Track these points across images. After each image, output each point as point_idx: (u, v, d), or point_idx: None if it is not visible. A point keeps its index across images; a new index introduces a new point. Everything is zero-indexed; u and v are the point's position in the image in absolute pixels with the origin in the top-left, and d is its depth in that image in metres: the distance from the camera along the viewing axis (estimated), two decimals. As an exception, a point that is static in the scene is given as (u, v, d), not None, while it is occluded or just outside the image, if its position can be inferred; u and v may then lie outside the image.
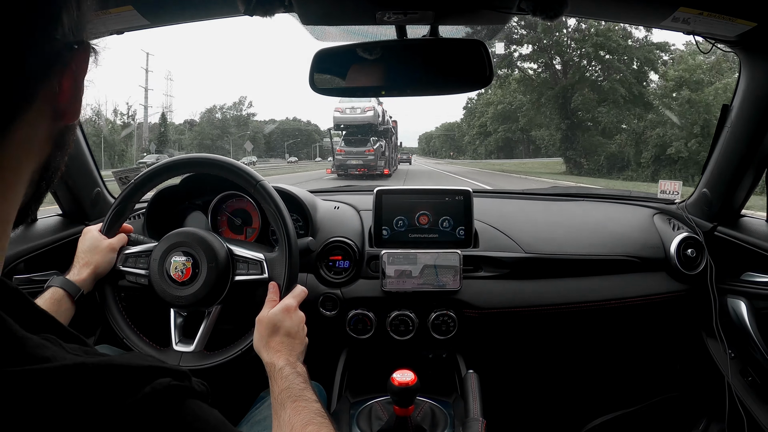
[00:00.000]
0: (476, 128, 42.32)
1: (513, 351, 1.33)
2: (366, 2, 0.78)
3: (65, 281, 0.83)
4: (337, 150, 14.55)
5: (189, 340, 0.90)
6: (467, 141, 49.85)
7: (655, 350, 1.39)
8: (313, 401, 0.66)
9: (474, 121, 43.68)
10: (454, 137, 61.32)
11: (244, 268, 0.90)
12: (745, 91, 1.02)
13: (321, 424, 0.62)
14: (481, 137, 42.26)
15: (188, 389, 0.30)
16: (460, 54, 0.87)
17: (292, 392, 0.67)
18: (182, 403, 0.29)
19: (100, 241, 0.90)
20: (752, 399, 1.11)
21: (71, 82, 0.32)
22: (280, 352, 0.74)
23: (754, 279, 1.10)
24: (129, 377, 0.28)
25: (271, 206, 0.89)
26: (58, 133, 0.33)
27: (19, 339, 0.26)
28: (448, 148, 64.13)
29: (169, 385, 0.29)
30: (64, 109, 0.32)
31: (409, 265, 1.08)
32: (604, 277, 1.17)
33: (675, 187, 1.39)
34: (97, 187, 1.22)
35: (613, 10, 0.97)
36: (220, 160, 0.93)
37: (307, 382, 0.70)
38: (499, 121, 34.38)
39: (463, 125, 54.54)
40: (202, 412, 0.30)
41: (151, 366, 0.29)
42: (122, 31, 0.96)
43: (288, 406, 0.65)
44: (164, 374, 0.29)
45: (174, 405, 0.29)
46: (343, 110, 15.08)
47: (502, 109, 32.14)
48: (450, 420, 0.94)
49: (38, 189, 0.34)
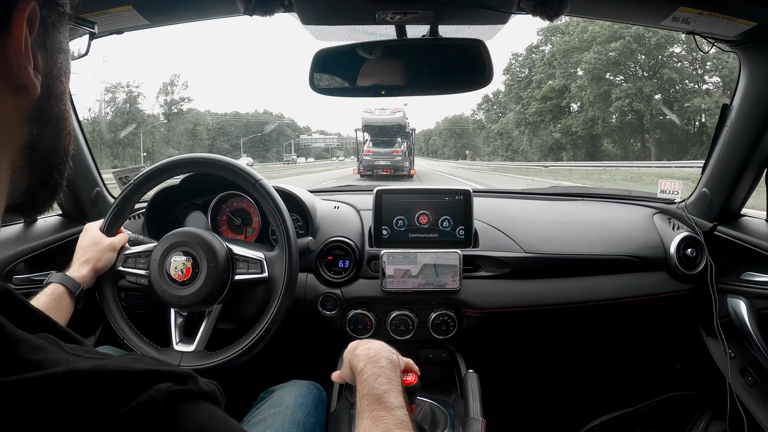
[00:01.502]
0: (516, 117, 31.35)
1: (513, 351, 1.33)
2: (366, 2, 0.78)
3: (65, 277, 0.83)
4: (364, 150, 14.57)
5: (189, 339, 0.90)
6: (491, 135, 38.51)
7: (655, 350, 1.39)
8: (396, 408, 0.56)
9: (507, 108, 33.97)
10: (463, 132, 51.04)
11: (244, 267, 0.90)
12: (744, 90, 1.02)
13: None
14: (530, 127, 30.51)
15: (192, 393, 0.28)
16: (460, 53, 0.87)
17: (373, 397, 0.58)
18: (184, 410, 0.27)
19: (101, 238, 0.90)
20: (752, 399, 1.11)
21: (16, 48, 0.28)
22: (359, 356, 0.65)
23: (754, 279, 1.10)
24: (124, 384, 0.25)
25: (270, 205, 0.89)
26: (33, 110, 0.30)
27: (11, 342, 0.25)
28: (456, 146, 52.24)
29: (169, 391, 0.26)
30: (22, 80, 0.28)
31: (409, 264, 1.08)
32: (604, 276, 1.17)
33: (675, 187, 1.38)
34: (97, 187, 1.23)
35: (613, 10, 0.97)
36: (219, 159, 0.93)
37: (393, 381, 0.61)
38: (593, 94, 24.12)
39: (478, 117, 44.05)
40: (206, 419, 0.28)
41: (149, 370, 0.27)
42: (122, 31, 0.96)
43: (366, 415, 0.56)
44: (164, 378, 0.27)
45: (174, 413, 0.26)
46: (373, 111, 15.08)
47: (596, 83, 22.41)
48: (450, 420, 0.94)
49: (36, 174, 0.31)
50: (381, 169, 13.86)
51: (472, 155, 45.11)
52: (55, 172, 0.33)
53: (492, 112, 41.79)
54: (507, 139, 34.90)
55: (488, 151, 41.05)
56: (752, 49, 0.96)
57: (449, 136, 54.99)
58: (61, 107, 0.33)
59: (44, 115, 0.31)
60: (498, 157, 34.95)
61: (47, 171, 0.32)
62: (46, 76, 0.31)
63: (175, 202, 1.19)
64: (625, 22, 1.03)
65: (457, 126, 53.05)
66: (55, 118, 0.32)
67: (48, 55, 0.31)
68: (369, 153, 14.38)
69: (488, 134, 41.05)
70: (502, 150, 35.73)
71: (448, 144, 55.49)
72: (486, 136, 42.12)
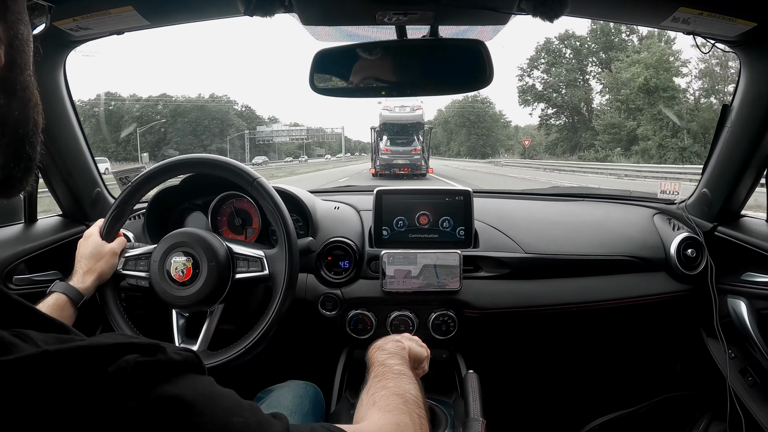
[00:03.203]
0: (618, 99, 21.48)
1: (513, 351, 1.33)
2: (366, 2, 0.78)
3: (68, 287, 0.82)
4: (382, 150, 14.15)
5: (192, 340, 0.90)
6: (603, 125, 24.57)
7: (656, 350, 1.39)
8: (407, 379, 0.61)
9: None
10: (480, 119, 38.62)
11: (245, 266, 0.90)
12: (745, 91, 1.02)
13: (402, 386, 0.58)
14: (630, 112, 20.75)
15: (160, 363, 0.28)
16: (460, 54, 0.87)
17: (386, 369, 0.63)
18: (151, 380, 0.27)
19: (102, 246, 0.90)
20: (752, 399, 1.11)
21: None
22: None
23: (754, 279, 1.10)
24: (93, 358, 0.26)
25: (268, 203, 0.89)
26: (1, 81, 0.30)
27: None
28: (470, 139, 38.89)
29: (136, 362, 0.27)
30: None
31: (409, 265, 1.08)
32: (604, 277, 1.17)
33: (675, 187, 1.39)
34: (97, 188, 1.23)
35: (613, 10, 0.97)
36: (216, 159, 0.92)
37: (407, 362, 0.66)
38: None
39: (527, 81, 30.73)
40: (174, 387, 0.28)
41: (117, 343, 0.27)
42: (122, 32, 0.96)
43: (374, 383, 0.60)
44: (131, 350, 0.28)
45: (141, 383, 0.27)
46: (392, 109, 14.63)
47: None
48: (450, 420, 0.94)
49: (9, 148, 0.31)
50: (398, 168, 13.53)
51: (532, 154, 30.74)
52: (28, 145, 0.33)
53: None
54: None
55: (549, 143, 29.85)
56: (752, 50, 0.96)
57: (459, 125, 41.35)
58: (26, 77, 0.33)
59: (10, 85, 0.31)
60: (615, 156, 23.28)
61: (19, 144, 0.32)
62: (9, 46, 0.31)
63: (176, 202, 1.19)
64: (625, 23, 1.03)
65: (471, 112, 39.75)
66: (21, 88, 0.32)
67: (8, 26, 0.31)
68: (386, 152, 14.00)
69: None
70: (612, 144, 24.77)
71: (456, 137, 41.85)
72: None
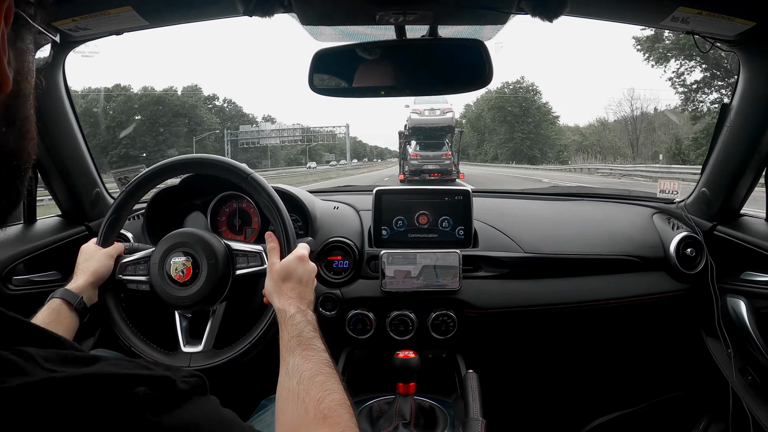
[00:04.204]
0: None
1: (513, 351, 1.33)
2: (366, 2, 0.78)
3: (63, 291, 0.82)
4: (411, 154, 13.67)
5: (196, 340, 0.90)
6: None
7: (655, 350, 1.39)
8: (322, 351, 0.66)
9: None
10: (525, 113, 30.62)
11: (244, 262, 0.90)
12: (744, 90, 1.02)
13: (329, 374, 0.61)
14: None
15: (169, 396, 0.28)
16: (460, 53, 0.87)
17: (302, 340, 0.66)
18: (161, 411, 0.27)
19: (96, 250, 0.90)
20: (752, 398, 1.11)
21: None
22: (292, 299, 0.74)
23: (754, 278, 1.10)
24: (102, 388, 0.26)
25: (264, 197, 0.89)
26: (2, 107, 0.30)
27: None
28: (513, 138, 30.82)
29: (146, 395, 0.27)
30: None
31: (409, 265, 1.08)
32: (603, 276, 1.17)
33: (674, 187, 1.39)
34: (97, 188, 1.23)
35: (613, 10, 0.97)
36: (209, 158, 0.92)
37: (317, 330, 0.70)
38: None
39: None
40: (185, 413, 0.28)
41: (129, 374, 0.27)
42: (121, 32, 0.96)
43: (297, 353, 0.64)
44: (142, 382, 0.27)
45: (152, 415, 0.26)
46: (422, 112, 14.16)
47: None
48: (450, 420, 0.94)
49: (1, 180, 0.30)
50: (428, 173, 13.09)
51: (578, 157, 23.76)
52: (18, 178, 0.32)
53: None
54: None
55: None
56: (752, 49, 0.96)
57: (499, 121, 32.19)
58: (28, 109, 0.32)
59: (12, 113, 0.31)
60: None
61: (11, 175, 0.31)
62: (17, 73, 0.30)
63: (175, 203, 1.19)
64: (625, 23, 1.03)
65: (513, 103, 30.61)
66: (21, 118, 0.31)
67: (18, 54, 0.31)
68: (416, 157, 13.47)
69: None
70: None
71: (492, 137, 32.90)
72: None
